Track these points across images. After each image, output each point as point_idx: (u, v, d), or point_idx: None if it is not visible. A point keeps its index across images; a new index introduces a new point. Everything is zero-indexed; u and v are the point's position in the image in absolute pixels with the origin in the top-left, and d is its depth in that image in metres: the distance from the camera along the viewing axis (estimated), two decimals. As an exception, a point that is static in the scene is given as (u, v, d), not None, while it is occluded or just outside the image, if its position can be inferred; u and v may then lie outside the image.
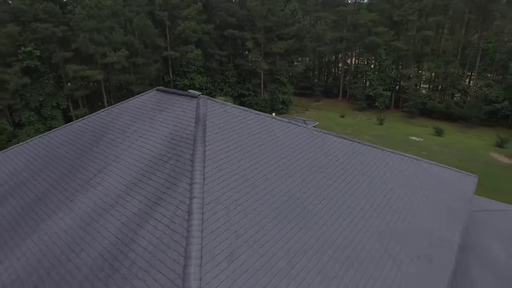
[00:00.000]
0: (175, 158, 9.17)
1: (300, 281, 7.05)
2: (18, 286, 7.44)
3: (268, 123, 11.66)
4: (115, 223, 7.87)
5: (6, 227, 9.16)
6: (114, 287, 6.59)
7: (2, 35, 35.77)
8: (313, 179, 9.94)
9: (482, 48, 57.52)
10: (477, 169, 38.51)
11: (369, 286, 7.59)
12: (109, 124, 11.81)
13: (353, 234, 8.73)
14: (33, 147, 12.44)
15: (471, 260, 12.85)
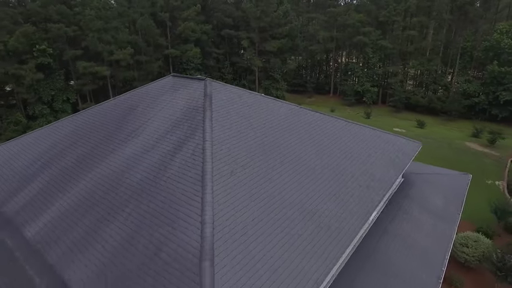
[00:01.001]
0: (191, 119, 13.00)
1: (277, 183, 10.97)
2: (88, 200, 11.26)
3: (259, 98, 15.64)
4: (154, 157, 11.72)
5: (76, 164, 13.01)
6: (155, 192, 10.43)
7: (19, 34, 39.32)
8: (288, 132, 13.87)
9: (461, 46, 61.81)
10: (450, 155, 42.77)
11: (324, 193, 11.50)
12: (138, 100, 15.66)
13: (316, 168, 12.64)
14: (77, 119, 16.29)
15: (414, 205, 16.88)
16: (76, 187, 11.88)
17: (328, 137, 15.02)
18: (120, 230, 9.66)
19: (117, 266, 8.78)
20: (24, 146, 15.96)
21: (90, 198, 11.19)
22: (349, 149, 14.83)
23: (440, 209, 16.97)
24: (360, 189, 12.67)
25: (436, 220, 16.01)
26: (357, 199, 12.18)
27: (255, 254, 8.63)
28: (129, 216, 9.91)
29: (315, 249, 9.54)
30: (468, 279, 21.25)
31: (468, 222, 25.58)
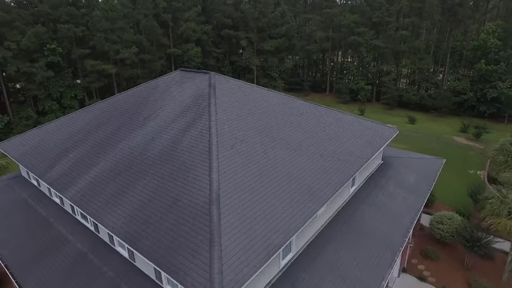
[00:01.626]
0: (198, 105, 15.56)
1: (268, 155, 13.54)
2: (117, 166, 13.82)
3: (255, 89, 18.23)
4: (169, 135, 14.28)
5: (106, 140, 15.60)
6: (172, 160, 12.98)
7: (31, 34, 41.74)
8: (280, 116, 16.46)
9: (451, 46, 64.45)
10: (436, 147, 45.31)
11: (308, 164, 14.07)
12: (152, 90, 18.25)
13: (302, 145, 15.20)
14: (101, 106, 18.87)
15: (390, 182, 19.47)
16: (107, 157, 14.47)
17: (314, 121, 17.61)
18: (145, 187, 12.23)
19: (144, 212, 11.35)
20: (58, 127, 18.63)
21: (119, 165, 13.78)
22: (332, 131, 17.42)
23: (413, 185, 19.57)
24: (339, 162, 15.24)
25: (408, 194, 18.61)
26: (336, 169, 14.76)
27: (251, 201, 11.21)
28: (152, 177, 12.49)
29: (298, 203, 12.12)
30: (443, 253, 23.84)
31: (449, 206, 28.01)
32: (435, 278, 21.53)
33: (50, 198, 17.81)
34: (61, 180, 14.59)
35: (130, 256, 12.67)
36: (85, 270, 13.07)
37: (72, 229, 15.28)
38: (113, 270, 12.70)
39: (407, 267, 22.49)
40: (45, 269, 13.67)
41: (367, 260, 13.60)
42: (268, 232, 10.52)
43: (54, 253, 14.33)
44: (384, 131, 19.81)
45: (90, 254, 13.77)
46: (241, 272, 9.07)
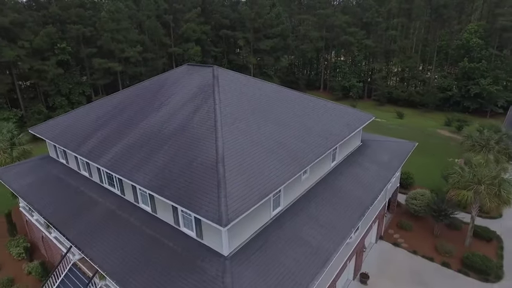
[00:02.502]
0: (204, 92, 18.88)
1: (261, 130, 16.91)
2: (140, 140, 17.14)
3: (251, 79, 21.60)
4: (181, 116, 17.61)
5: (129, 120, 18.94)
6: (186, 133, 16.30)
7: (43, 34, 44.83)
8: (272, 102, 19.85)
9: (438, 45, 68.17)
10: (421, 139, 48.68)
11: (294, 138, 17.46)
12: (163, 81, 21.58)
13: (290, 124, 18.59)
14: (120, 95, 22.18)
15: (366, 159, 22.90)
16: (132, 133, 17.83)
17: (301, 107, 21.03)
18: (165, 154, 15.58)
19: (166, 171, 14.69)
20: (83, 113, 22.03)
21: (142, 138, 17.14)
22: (316, 115, 20.84)
23: (386, 162, 23.01)
24: (320, 138, 18.66)
25: (380, 168, 22.05)
26: (317, 143, 18.17)
27: (248, 162, 14.59)
28: (171, 146, 15.84)
29: (285, 165, 15.50)
30: (416, 224, 27.37)
31: (425, 187, 31.28)
32: (408, 244, 25.06)
33: (79, 173, 21.14)
34: (94, 153, 17.90)
35: (153, 210, 16.03)
36: (115, 221, 16.42)
37: (100, 194, 18.61)
38: (138, 220, 16.06)
39: (384, 236, 26.01)
40: (82, 222, 16.99)
41: (342, 214, 17.01)
42: (261, 183, 13.89)
43: (88, 211, 17.65)
44: (361, 116, 23.28)
45: (118, 211, 17.11)
46: (240, 207, 12.43)
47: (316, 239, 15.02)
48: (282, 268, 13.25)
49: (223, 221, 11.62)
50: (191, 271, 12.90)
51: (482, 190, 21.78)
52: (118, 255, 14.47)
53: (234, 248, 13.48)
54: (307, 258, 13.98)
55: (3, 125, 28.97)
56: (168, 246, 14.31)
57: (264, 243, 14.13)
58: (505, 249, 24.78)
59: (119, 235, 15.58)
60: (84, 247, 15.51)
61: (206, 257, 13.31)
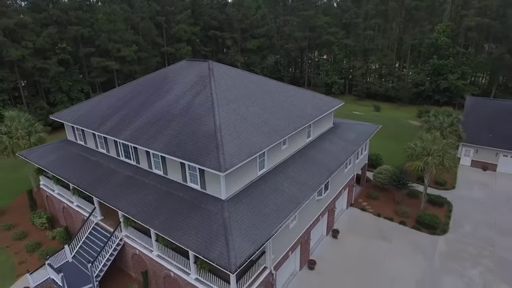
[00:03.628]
0: (202, 81, 23.26)
1: (249, 110, 21.42)
2: (152, 119, 21.42)
3: (241, 72, 26.09)
4: (184, 100, 21.96)
5: (140, 105, 23.16)
6: (189, 113, 20.66)
7: (45, 35, 48.21)
8: (257, 89, 24.37)
9: (411, 44, 73.85)
10: (393, 128, 54.07)
11: (275, 117, 22.00)
12: (166, 73, 25.88)
13: (272, 106, 23.13)
14: (130, 86, 26.36)
15: (336, 137, 27.63)
16: (144, 114, 22.10)
17: (282, 93, 25.63)
18: (174, 128, 19.92)
19: (175, 140, 19.03)
20: (98, 101, 26.15)
21: (153, 118, 21.43)
22: (293, 100, 25.46)
23: (352, 140, 27.81)
24: (296, 117, 23.27)
25: (347, 143, 26.82)
26: (294, 121, 22.78)
27: (239, 132, 19.05)
28: (178, 123, 20.19)
29: (267, 135, 20.03)
30: (381, 194, 32.30)
31: (391, 165, 36.20)
32: (373, 209, 29.96)
33: (97, 151, 25.25)
34: (115, 130, 22.07)
35: (164, 172, 20.35)
36: (134, 183, 20.67)
37: (118, 165, 22.81)
38: (153, 181, 20.35)
39: (354, 203, 30.88)
40: (106, 186, 21.16)
41: (313, 175, 21.64)
42: (248, 146, 18.36)
43: (109, 178, 21.83)
44: (332, 102, 28.05)
45: (135, 176, 21.36)
46: (234, 161, 16.86)
47: (292, 190, 19.61)
48: (266, 209, 17.77)
49: (222, 169, 16.07)
50: (198, 211, 17.31)
51: (430, 160, 26.79)
52: (140, 205, 18.74)
53: (230, 194, 17.93)
54: (284, 203, 18.54)
55: (21, 114, 32.64)
56: (179, 196, 18.67)
57: (252, 192, 18.64)
58: (453, 211, 29.90)
59: (138, 192, 19.84)
60: (110, 202, 19.70)
61: (209, 202, 17.73)
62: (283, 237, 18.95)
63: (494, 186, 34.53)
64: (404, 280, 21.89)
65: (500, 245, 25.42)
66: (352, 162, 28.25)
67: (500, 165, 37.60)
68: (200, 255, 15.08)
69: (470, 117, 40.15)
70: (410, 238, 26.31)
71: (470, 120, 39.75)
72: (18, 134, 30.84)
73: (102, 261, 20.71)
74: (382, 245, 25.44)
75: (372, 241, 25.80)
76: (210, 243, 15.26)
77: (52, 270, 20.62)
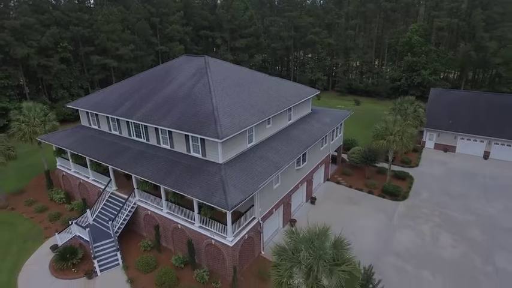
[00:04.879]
0: (200, 72, 27.90)
1: (239, 95, 26.20)
2: (159, 104, 25.96)
3: (232, 65, 30.84)
4: (186, 87, 26.58)
5: (149, 92, 27.70)
6: (191, 97, 25.28)
7: (49, 35, 51.88)
8: (247, 80, 29.15)
9: (388, 43, 79.60)
10: (369, 118, 59.35)
11: (261, 101, 26.80)
12: (169, 67, 30.43)
13: (259, 92, 27.92)
14: (138, 77, 30.82)
15: (313, 120, 32.59)
16: (152, 100, 26.62)
17: (267, 83, 30.45)
18: (179, 109, 24.51)
19: (181, 119, 23.63)
20: (110, 90, 30.56)
21: (161, 102, 25.97)
22: (277, 89, 30.30)
23: (327, 122, 32.80)
24: (278, 102, 28.11)
25: (322, 125, 31.79)
26: (276, 104, 27.60)
27: (232, 111, 23.78)
28: (181, 106, 24.78)
29: (254, 114, 24.78)
30: (354, 171, 37.43)
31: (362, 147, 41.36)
32: (346, 183, 35.03)
33: (110, 133, 29.60)
34: (128, 112, 26.51)
35: (171, 146, 24.91)
36: (146, 156, 25.16)
37: (130, 143, 27.27)
38: (162, 153, 24.89)
39: (331, 178, 35.87)
40: (122, 158, 25.58)
41: (292, 147, 26.48)
42: (239, 122, 23.08)
43: (124, 152, 26.26)
44: (309, 90, 33.03)
45: (146, 150, 25.84)
46: (228, 132, 21.57)
47: (275, 158, 24.41)
48: (253, 171, 22.51)
49: (219, 136, 20.78)
50: (201, 172, 21.96)
51: (391, 138, 31.98)
52: (153, 171, 23.27)
53: (225, 160, 22.63)
54: (269, 166, 23.33)
55: (36, 105, 36.63)
56: (184, 163, 23.28)
57: (243, 159, 23.38)
58: (413, 183, 35.19)
59: (150, 163, 24.34)
60: (128, 169, 24.16)
61: (209, 165, 22.40)
62: (268, 195, 23.76)
63: (451, 164, 40.06)
64: (368, 231, 26.95)
65: (449, 207, 30.75)
66: (328, 141, 33.27)
67: (458, 147, 43.22)
68: (205, 202, 19.74)
69: (433, 106, 45.75)
70: (376, 203, 31.45)
71: (433, 109, 45.37)
72: (35, 122, 34.90)
73: (119, 220, 25.15)
74: (353, 208, 30.49)
75: (344, 206, 30.82)
76: (211, 193, 19.93)
77: (79, 228, 24.99)
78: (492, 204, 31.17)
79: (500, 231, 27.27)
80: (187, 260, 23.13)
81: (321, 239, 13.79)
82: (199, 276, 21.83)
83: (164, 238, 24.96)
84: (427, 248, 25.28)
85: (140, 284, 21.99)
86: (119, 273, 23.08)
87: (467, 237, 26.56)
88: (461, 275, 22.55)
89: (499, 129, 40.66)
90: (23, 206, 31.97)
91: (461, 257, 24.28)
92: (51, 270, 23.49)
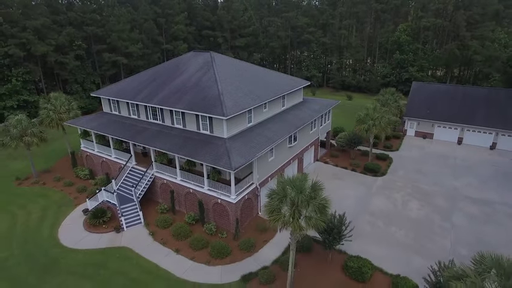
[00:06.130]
0: (206, 65, 32.95)
1: (241, 84, 31.29)
2: (172, 91, 31.01)
3: (234, 59, 35.94)
4: (195, 78, 31.62)
5: (162, 82, 32.78)
6: (200, 86, 30.32)
7: (65, 34, 56.79)
8: (248, 71, 34.24)
9: (378, 41, 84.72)
10: (353, 111, 64.30)
11: (260, 88, 31.86)
12: (180, 60, 35.53)
13: (257, 81, 32.98)
14: (152, 70, 35.90)
15: (304, 107, 37.68)
16: (166, 88, 31.66)
17: (264, 74, 35.52)
18: (190, 95, 29.55)
19: (192, 102, 28.66)
20: (129, 81, 35.60)
21: (174, 90, 31.02)
22: (273, 79, 35.37)
23: (316, 109, 37.85)
24: (274, 90, 33.16)
25: (312, 112, 36.86)
26: (272, 92, 32.65)
27: (234, 96, 28.83)
28: (192, 92, 29.83)
29: (253, 99, 29.83)
30: (341, 154, 42.51)
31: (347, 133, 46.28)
32: (333, 163, 40.07)
33: (129, 117, 34.59)
34: (147, 98, 31.52)
35: (184, 125, 29.94)
36: (162, 134, 30.16)
37: (148, 125, 32.28)
38: (176, 132, 29.90)
39: (320, 159, 40.94)
40: (142, 137, 30.58)
41: (284, 128, 31.52)
42: (241, 104, 28.11)
43: (143, 132, 31.26)
44: (301, 81, 38.14)
45: (162, 130, 30.84)
46: (232, 111, 26.60)
47: (270, 135, 29.46)
48: (252, 143, 27.53)
49: (225, 114, 25.82)
50: (209, 145, 26.99)
51: (371, 122, 37.06)
52: (169, 145, 28.26)
53: (229, 135, 27.66)
54: (264, 141, 28.35)
55: (61, 95, 41.60)
56: (195, 138, 28.31)
57: (244, 135, 28.42)
58: (392, 163, 40.25)
59: (166, 139, 29.34)
60: (149, 144, 29.17)
61: (216, 139, 27.43)
62: (264, 166, 28.80)
63: (428, 149, 45.17)
64: (349, 198, 31.99)
65: (421, 182, 35.84)
66: (317, 126, 38.34)
67: (435, 134, 48.34)
68: (213, 165, 24.79)
69: (414, 98, 50.89)
70: (358, 179, 36.51)
71: (414, 100, 50.51)
72: (61, 110, 39.87)
73: (140, 188, 30.18)
74: (338, 182, 35.54)
75: (330, 180, 35.81)
76: (218, 159, 24.96)
77: (107, 193, 30.03)
78: (458, 180, 36.27)
79: (461, 198, 32.39)
80: (197, 218, 28.17)
81: (302, 181, 18.82)
82: (208, 229, 26.88)
83: (178, 202, 29.97)
84: (397, 210, 30.38)
85: (160, 236, 27.01)
86: (141, 229, 28.11)
87: (432, 203, 31.66)
88: (421, 229, 27.63)
89: (471, 117, 45.79)
90: (53, 182, 36.93)
91: (424, 217, 29.37)
92: (85, 227, 28.51)
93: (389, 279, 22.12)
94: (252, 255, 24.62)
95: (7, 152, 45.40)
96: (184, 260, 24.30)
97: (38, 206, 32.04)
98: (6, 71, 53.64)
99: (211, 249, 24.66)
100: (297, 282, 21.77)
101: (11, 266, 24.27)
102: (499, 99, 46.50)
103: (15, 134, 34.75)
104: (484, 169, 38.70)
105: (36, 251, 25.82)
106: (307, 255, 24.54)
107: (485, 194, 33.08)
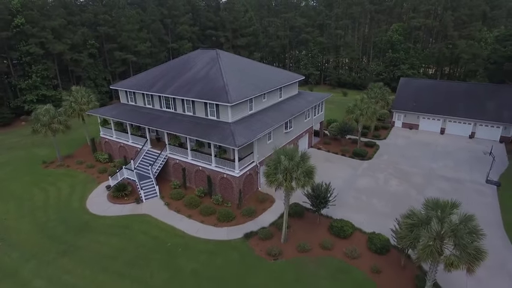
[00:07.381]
0: (213, 61, 37.56)
1: (244, 76, 35.93)
2: (181, 84, 35.64)
3: (238, 56, 40.59)
4: (203, 72, 36.25)
5: (173, 76, 37.42)
6: (207, 78, 34.94)
7: (80, 34, 61.40)
8: (250, 67, 38.88)
9: (373, 41, 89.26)
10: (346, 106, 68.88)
11: (261, 80, 36.48)
12: (187, 58, 40.16)
13: (258, 76, 37.59)
14: (163, 66, 40.54)
15: (300, 99, 42.32)
16: (178, 81, 36.28)
17: (263, 69, 40.13)
18: (199, 86, 34.18)
19: (201, 92, 33.28)
20: (144, 74, 40.22)
21: (184, 83, 35.65)
22: (272, 73, 39.98)
23: (310, 100, 42.44)
24: (272, 82, 37.75)
25: (306, 102, 41.45)
26: (271, 84, 37.25)
27: (237, 87, 33.45)
28: (201, 84, 34.45)
29: (254, 89, 34.44)
30: (333, 142, 47.13)
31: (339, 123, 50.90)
32: (326, 149, 44.67)
33: (144, 107, 39.21)
34: (161, 89, 36.13)
35: (194, 113, 34.54)
36: (174, 121, 34.75)
37: (162, 113, 36.89)
38: (187, 119, 34.50)
39: (313, 146, 45.56)
40: (157, 122, 35.18)
41: (281, 115, 36.10)
42: (243, 94, 32.71)
43: (158, 119, 35.86)
44: (296, 76, 42.74)
45: (174, 117, 35.44)
46: (236, 99, 31.21)
47: (268, 120, 34.05)
48: (253, 127, 32.10)
49: (230, 101, 30.44)
50: (216, 128, 31.59)
51: (359, 113, 41.66)
52: (181, 129, 32.86)
53: (233, 120, 32.25)
54: (263, 125, 32.92)
55: (81, 88, 46.21)
56: (204, 123, 32.91)
57: (246, 121, 33.02)
58: (379, 150, 44.81)
59: (178, 125, 33.94)
60: (163, 128, 33.76)
61: (222, 124, 32.02)
62: (263, 148, 33.39)
63: (413, 138, 49.74)
64: (338, 178, 36.50)
65: (402, 164, 40.41)
66: (311, 116, 42.93)
67: (421, 125, 52.90)
68: (220, 144, 29.39)
69: (402, 92, 55.47)
70: (347, 162, 41.10)
71: (401, 94, 55.09)
72: (82, 101, 44.50)
73: (155, 166, 34.80)
74: (328, 164, 40.13)
75: (322, 163, 40.34)
76: (224, 139, 29.55)
77: (127, 171, 34.66)
78: (435, 163, 40.84)
79: (435, 177, 36.98)
80: (206, 192, 32.80)
81: (293, 152, 23.43)
82: (215, 200, 31.51)
83: (188, 179, 34.57)
84: (379, 187, 34.98)
85: (174, 206, 31.63)
86: (158, 201, 32.74)
87: (410, 180, 36.24)
88: (399, 201, 32.19)
89: (452, 110, 50.34)
90: (76, 165, 41.57)
91: (402, 191, 33.97)
92: (109, 199, 33.15)
93: (366, 236, 26.72)
94: (252, 220, 29.24)
95: (31, 141, 50.16)
96: (196, 223, 28.94)
97: (65, 184, 36.69)
98: (27, 67, 58.31)
99: (218, 215, 29.29)
100: (290, 239, 26.37)
101: (50, 227, 28.95)
102: (478, 93, 51.05)
103: (44, 122, 39.36)
104: (461, 154, 43.25)
105: (69, 216, 30.49)
106: (299, 219, 29.15)
107: (458, 174, 37.65)
